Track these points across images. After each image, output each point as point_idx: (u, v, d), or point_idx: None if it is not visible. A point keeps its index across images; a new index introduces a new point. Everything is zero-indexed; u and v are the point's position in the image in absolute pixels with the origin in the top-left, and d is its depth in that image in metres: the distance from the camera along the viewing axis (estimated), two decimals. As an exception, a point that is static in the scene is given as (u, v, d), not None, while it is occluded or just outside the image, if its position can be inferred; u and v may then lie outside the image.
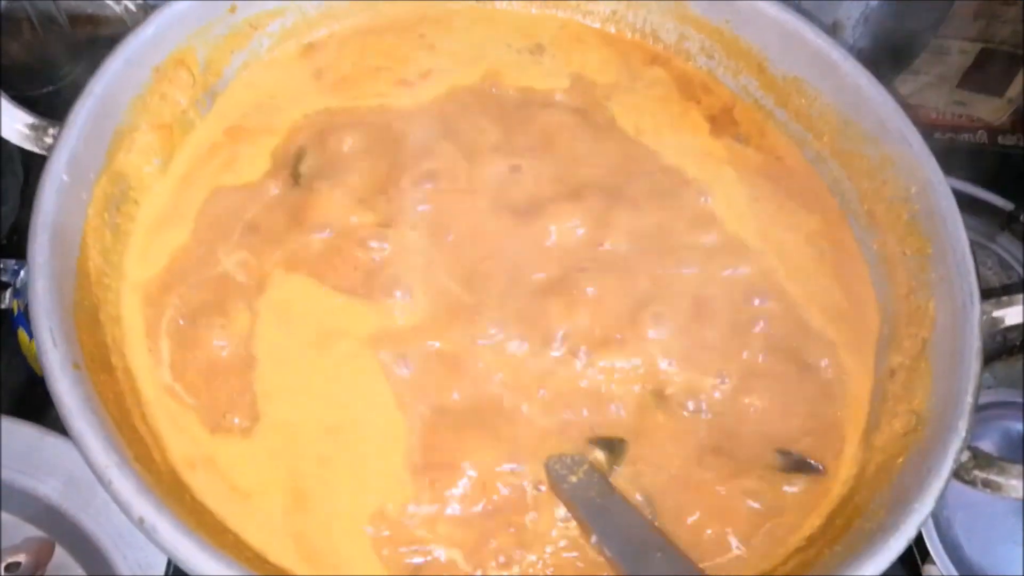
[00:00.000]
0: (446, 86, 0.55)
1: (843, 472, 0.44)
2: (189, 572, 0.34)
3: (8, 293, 0.59)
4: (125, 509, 0.34)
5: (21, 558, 0.52)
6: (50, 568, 0.52)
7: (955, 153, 0.83)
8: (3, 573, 0.51)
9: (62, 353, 0.37)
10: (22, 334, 0.58)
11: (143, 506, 0.34)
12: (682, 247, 0.50)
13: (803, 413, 0.46)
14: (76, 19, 0.73)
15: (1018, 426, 0.63)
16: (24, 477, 0.52)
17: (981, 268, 0.74)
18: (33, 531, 0.53)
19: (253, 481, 0.41)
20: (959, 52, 0.80)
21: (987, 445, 0.61)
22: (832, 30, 0.67)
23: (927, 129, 0.84)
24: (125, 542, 0.51)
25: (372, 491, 0.41)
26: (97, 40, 0.73)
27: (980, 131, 0.87)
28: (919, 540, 0.59)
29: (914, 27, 0.72)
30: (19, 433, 0.52)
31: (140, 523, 0.34)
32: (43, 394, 0.36)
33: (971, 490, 0.59)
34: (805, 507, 0.42)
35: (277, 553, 0.39)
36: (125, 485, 0.34)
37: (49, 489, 0.52)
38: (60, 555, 0.53)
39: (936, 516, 0.59)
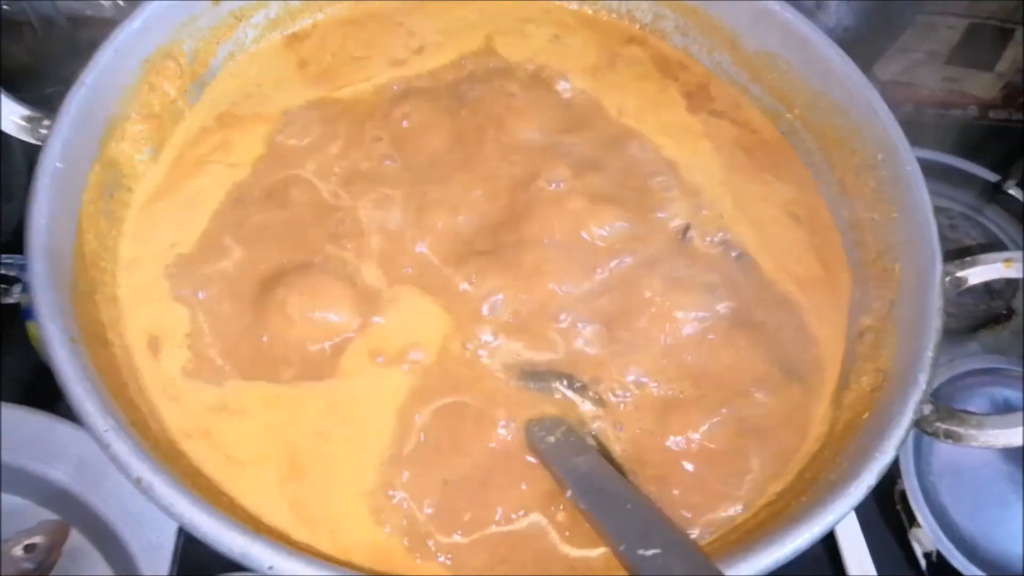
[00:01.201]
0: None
1: (814, 430, 0.45)
2: (187, 528, 0.35)
3: (17, 288, 0.60)
4: (123, 469, 0.35)
5: (38, 539, 0.53)
6: (66, 548, 0.54)
7: (947, 129, 0.84)
8: (22, 554, 0.52)
9: (60, 327, 0.38)
10: (31, 327, 0.60)
11: (140, 466, 0.35)
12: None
13: (777, 375, 0.47)
14: (76, 20, 0.74)
15: (1004, 392, 0.64)
16: (37, 463, 0.54)
17: (966, 239, 0.75)
18: (48, 514, 0.55)
19: (249, 452, 0.42)
20: (947, 28, 0.81)
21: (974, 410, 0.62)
22: (815, 8, 0.68)
23: (919, 106, 0.85)
24: (136, 521, 0.53)
25: (370, 462, 0.42)
26: (97, 40, 0.75)
27: (971, 106, 0.87)
28: (906, 506, 0.60)
29: (898, 3, 0.73)
30: (31, 421, 0.54)
31: (138, 483, 0.35)
32: (52, 385, 0.37)
33: (957, 457, 0.60)
34: (776, 465, 0.44)
35: (272, 516, 0.40)
36: (122, 447, 0.36)
37: (61, 474, 0.54)
38: (75, 536, 0.55)
39: (923, 482, 0.61)
